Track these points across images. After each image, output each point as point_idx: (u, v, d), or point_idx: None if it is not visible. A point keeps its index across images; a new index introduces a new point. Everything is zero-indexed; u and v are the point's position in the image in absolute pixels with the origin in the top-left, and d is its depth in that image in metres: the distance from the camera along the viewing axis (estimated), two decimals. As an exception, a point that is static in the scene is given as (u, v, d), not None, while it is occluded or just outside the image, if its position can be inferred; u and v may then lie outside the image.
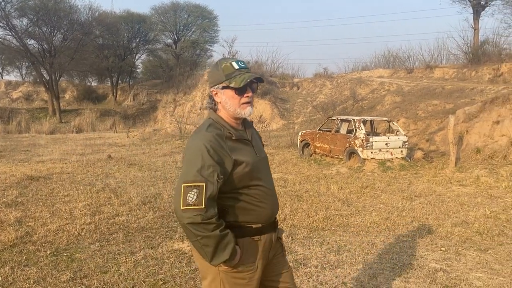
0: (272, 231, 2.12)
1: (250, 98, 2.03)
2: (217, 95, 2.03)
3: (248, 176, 1.97)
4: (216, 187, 1.84)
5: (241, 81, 1.94)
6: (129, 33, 38.89)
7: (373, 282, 3.94)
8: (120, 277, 3.95)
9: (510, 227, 5.81)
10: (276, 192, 2.18)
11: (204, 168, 1.83)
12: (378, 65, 34.75)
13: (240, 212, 1.99)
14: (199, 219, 1.78)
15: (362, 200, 7.50)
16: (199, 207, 1.78)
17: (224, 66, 1.99)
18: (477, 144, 11.32)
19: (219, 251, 1.84)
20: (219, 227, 1.84)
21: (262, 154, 2.14)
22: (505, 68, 20.86)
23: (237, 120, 2.07)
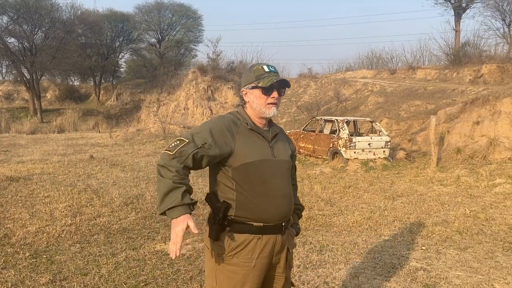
0: (277, 234, 2.11)
1: (275, 100, 2.12)
2: (246, 95, 2.16)
3: (251, 171, 2.03)
4: (194, 149, 1.96)
5: (268, 81, 2.08)
6: (112, 32, 38.47)
7: (355, 281, 3.97)
8: (101, 279, 3.90)
9: (489, 226, 5.91)
10: (289, 199, 2.17)
11: (199, 134, 2.01)
12: (361, 66, 35.11)
13: (242, 207, 2.04)
14: (163, 162, 1.94)
15: (345, 200, 7.55)
16: (169, 153, 1.96)
17: (256, 69, 2.15)
18: (458, 144, 11.51)
19: (166, 199, 1.90)
20: (177, 179, 1.91)
21: (280, 157, 2.17)
22: (485, 70, 21.26)
23: (262, 120, 2.16)
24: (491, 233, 5.59)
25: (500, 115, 11.08)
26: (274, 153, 2.13)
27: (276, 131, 2.23)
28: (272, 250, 2.10)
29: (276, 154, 2.14)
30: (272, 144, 2.16)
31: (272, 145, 2.15)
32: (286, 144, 2.29)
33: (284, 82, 2.14)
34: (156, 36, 39.84)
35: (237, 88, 28.05)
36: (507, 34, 26.51)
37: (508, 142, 10.61)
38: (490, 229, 5.78)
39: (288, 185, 2.19)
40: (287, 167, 2.22)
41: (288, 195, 2.17)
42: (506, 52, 24.45)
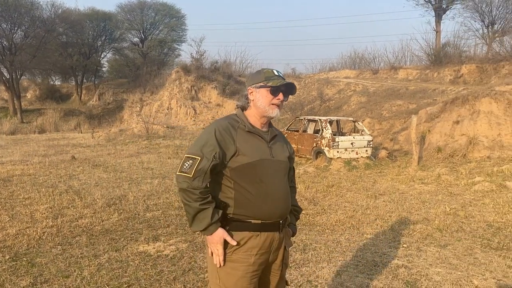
0: (274, 231, 2.18)
1: (280, 102, 2.19)
2: (252, 93, 2.21)
3: (251, 169, 2.09)
4: (209, 163, 2.03)
5: (278, 82, 2.16)
6: (94, 31, 38.04)
7: (338, 280, 4.01)
8: (82, 281, 3.86)
9: (468, 223, 6.04)
10: (286, 198, 2.24)
11: (206, 146, 2.06)
12: (344, 66, 35.42)
13: (240, 205, 2.10)
14: (185, 185, 2.02)
15: (328, 199, 7.61)
16: (188, 175, 2.02)
17: (266, 71, 2.22)
18: (438, 143, 11.70)
19: (196, 221, 2.06)
20: (201, 200, 2.03)
21: (279, 158, 2.23)
22: (465, 70, 21.65)
23: (263, 120, 2.22)
24: (470, 230, 5.70)
25: (479, 115, 11.31)
26: (272, 153, 2.20)
27: (275, 133, 2.29)
28: (270, 247, 2.17)
29: (275, 154, 2.21)
30: (271, 145, 2.22)
31: (271, 146, 2.22)
32: (284, 146, 2.35)
33: (291, 87, 2.23)
34: (139, 35, 39.55)
35: (221, 88, 28.01)
36: (486, 35, 27.02)
37: (487, 141, 10.83)
38: (469, 226, 5.90)
39: (285, 184, 2.26)
40: (285, 168, 2.28)
41: (285, 193, 2.24)
42: (485, 52, 24.92)
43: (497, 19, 26.50)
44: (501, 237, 5.40)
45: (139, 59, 38.63)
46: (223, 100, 27.34)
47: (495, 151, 10.57)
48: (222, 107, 26.89)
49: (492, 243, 5.18)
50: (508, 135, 10.72)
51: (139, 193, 7.72)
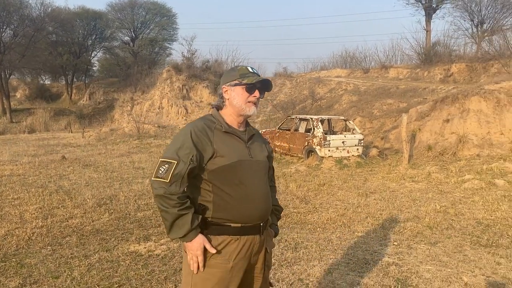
0: (255, 234, 2.11)
1: (256, 99, 2.13)
2: (227, 92, 2.15)
3: (229, 171, 2.02)
4: (186, 167, 1.95)
5: (253, 79, 2.10)
6: (84, 30, 37.77)
7: (329, 278, 4.02)
8: (73, 281, 3.83)
9: (458, 221, 6.08)
10: (267, 199, 2.17)
11: (182, 149, 1.98)
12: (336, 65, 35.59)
13: (219, 208, 2.03)
14: (161, 191, 1.93)
15: (319, 198, 7.63)
16: (164, 180, 1.94)
17: (240, 68, 2.16)
18: (428, 141, 11.79)
19: (175, 227, 1.97)
20: (180, 206, 1.94)
21: (258, 158, 2.16)
22: (455, 69, 21.86)
23: (240, 119, 2.16)
24: (460, 228, 5.75)
25: (469, 113, 11.41)
26: (251, 153, 2.13)
27: (252, 132, 2.22)
28: (250, 251, 2.10)
29: (253, 155, 2.14)
30: (249, 145, 2.16)
31: (249, 146, 2.15)
32: (262, 145, 2.28)
33: (267, 84, 2.16)
34: (130, 34, 39.36)
35: (213, 87, 27.95)
36: (476, 34, 27.29)
37: (476, 139, 10.93)
38: (459, 223, 5.94)
39: (265, 185, 2.20)
40: (265, 167, 2.22)
41: (265, 195, 2.17)
42: (475, 51, 25.17)
43: (486, 18, 26.79)
44: (490, 234, 5.45)
45: (130, 58, 38.44)
46: (214, 99, 27.24)
47: (484, 149, 10.68)
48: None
49: (482, 240, 5.23)
50: (497, 133, 10.83)
51: (130, 192, 7.68)
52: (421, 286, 3.85)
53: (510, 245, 5.03)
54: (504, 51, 18.36)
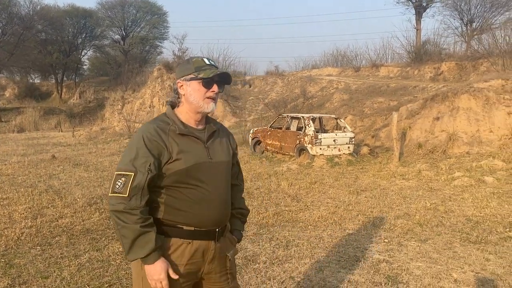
0: (210, 240, 1.97)
1: (215, 95, 1.97)
2: (182, 87, 1.97)
3: (185, 174, 1.87)
4: (145, 177, 1.79)
5: (210, 73, 1.92)
6: (74, 28, 37.46)
7: (320, 275, 4.04)
8: (62, 281, 3.80)
9: (448, 218, 6.13)
10: (225, 204, 2.03)
11: (137, 159, 1.81)
12: (327, 63, 35.66)
13: (172, 210, 1.89)
14: (121, 207, 1.76)
15: (311, 196, 7.65)
16: (123, 195, 1.77)
17: (195, 60, 1.98)
18: (419, 139, 11.87)
19: (136, 246, 1.78)
20: (143, 222, 1.78)
21: (218, 158, 2.00)
22: (444, 67, 22.01)
23: (198, 116, 1.99)
24: (450, 225, 5.80)
25: (459, 111, 11.50)
26: (210, 154, 1.97)
27: (213, 129, 2.05)
28: (203, 257, 1.96)
29: (213, 156, 1.98)
30: (209, 145, 1.99)
31: (208, 146, 1.98)
32: (225, 142, 2.12)
33: (226, 76, 1.99)
34: (120, 32, 39.10)
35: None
36: (465, 32, 27.51)
37: (466, 137, 11.03)
38: (449, 221, 5.99)
39: (225, 188, 2.04)
40: (226, 168, 2.06)
41: (224, 199, 2.02)
42: (464, 50, 25.38)
43: (475, 17, 27.02)
44: (480, 231, 5.50)
45: (120, 57, 38.21)
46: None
47: (474, 146, 10.77)
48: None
49: (471, 237, 5.28)
50: (486, 131, 10.93)
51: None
52: (411, 283, 3.88)
53: (499, 241, 5.08)
54: (493, 49, 18.54)
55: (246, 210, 2.29)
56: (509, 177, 8.43)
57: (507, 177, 8.44)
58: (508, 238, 5.18)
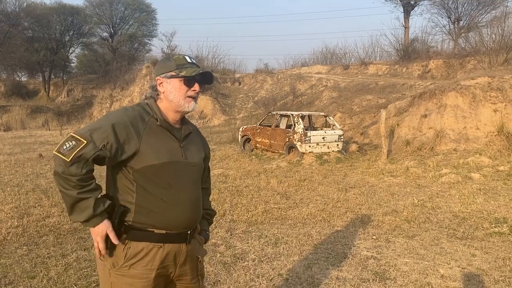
0: (181, 242, 1.92)
1: (196, 93, 1.93)
2: (162, 84, 1.91)
3: (158, 171, 1.82)
4: (95, 151, 1.70)
5: (192, 72, 1.87)
6: (61, 25, 36.97)
7: (308, 272, 4.05)
8: (49, 281, 3.77)
9: (435, 214, 6.20)
10: (198, 205, 2.00)
11: (99, 132, 1.73)
12: (316, 61, 35.71)
13: (142, 211, 1.82)
14: (60, 169, 1.69)
15: (300, 193, 7.68)
16: (65, 159, 1.68)
17: (176, 57, 1.93)
18: (407, 136, 11.96)
19: (76, 210, 1.74)
20: (80, 188, 1.71)
21: (191, 160, 1.95)
22: (432, 65, 22.21)
23: (177, 115, 1.94)
24: (437, 221, 5.86)
25: (446, 108, 11.61)
26: (184, 154, 1.92)
27: (189, 130, 2.00)
28: (174, 260, 1.91)
29: (187, 156, 1.93)
30: (184, 145, 1.94)
31: (184, 146, 1.94)
32: (199, 145, 2.09)
33: (208, 76, 1.96)
34: (108, 30, 38.70)
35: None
36: (453, 30, 27.75)
37: (453, 134, 11.14)
38: (436, 217, 6.06)
39: (197, 190, 2.01)
40: (199, 171, 2.02)
41: (196, 201, 1.98)
42: (452, 48, 25.61)
43: (462, 15, 27.25)
44: (466, 226, 5.57)
45: (108, 54, 37.85)
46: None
47: (461, 143, 10.89)
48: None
49: (458, 232, 5.34)
50: (473, 128, 11.05)
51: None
52: (398, 279, 3.91)
53: (485, 237, 5.15)
54: (480, 47, 18.73)
55: (213, 211, 2.28)
56: (495, 173, 8.55)
57: (493, 173, 8.55)
58: (493, 233, 5.26)
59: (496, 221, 5.71)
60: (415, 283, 3.81)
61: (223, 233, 5.26)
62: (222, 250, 4.64)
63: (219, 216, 6.02)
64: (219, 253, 4.54)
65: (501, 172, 8.55)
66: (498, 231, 5.33)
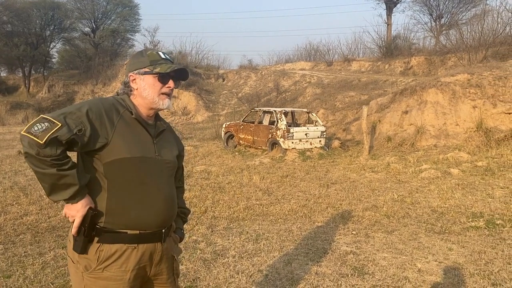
0: (155, 242, 1.88)
1: (170, 90, 1.89)
2: (135, 81, 1.87)
3: (128, 168, 1.76)
4: (69, 135, 1.61)
5: (167, 68, 1.83)
6: (42, 20, 36.26)
7: (288, 268, 4.08)
8: (25, 280, 3.71)
9: (414, 209, 6.29)
10: (172, 203, 1.96)
11: (73, 116, 1.65)
12: (300, 58, 35.83)
13: (114, 212, 1.77)
14: (33, 151, 1.58)
15: (282, 189, 7.70)
16: (38, 141, 1.57)
17: (150, 53, 1.89)
18: (388, 133, 12.10)
19: (57, 189, 1.66)
20: (58, 165, 1.62)
21: (165, 157, 1.91)
22: (414, 62, 22.48)
23: (150, 112, 1.90)
24: (416, 216, 5.94)
25: (426, 105, 11.77)
26: (157, 151, 1.88)
27: (163, 127, 1.97)
28: (150, 260, 1.87)
29: (160, 153, 1.89)
30: (157, 141, 1.90)
31: (157, 142, 1.90)
32: (173, 142, 2.05)
33: (183, 73, 1.92)
34: (90, 25, 38.12)
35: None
36: (434, 28, 28.10)
37: (433, 130, 11.31)
38: (415, 212, 6.15)
39: (171, 188, 1.97)
40: (172, 168, 1.98)
41: (170, 199, 1.94)
42: (433, 45, 25.95)
43: (444, 13, 27.64)
44: (444, 221, 5.67)
45: (90, 50, 37.30)
46: (178, 91, 26.95)
47: (441, 139, 11.06)
48: (177, 99, 26.50)
49: (435, 227, 5.43)
50: (452, 124, 11.23)
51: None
52: (377, 273, 3.96)
53: (462, 231, 5.24)
54: (460, 44, 19.01)
55: (187, 210, 2.26)
56: (474, 169, 8.70)
57: (472, 169, 8.71)
58: (470, 228, 5.36)
59: (473, 216, 5.82)
60: (393, 278, 3.86)
61: (204, 230, 5.26)
62: (202, 247, 4.63)
63: (200, 213, 6.00)
64: (200, 250, 4.53)
65: (479, 168, 8.71)
66: (474, 225, 5.43)
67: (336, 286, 3.70)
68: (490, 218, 5.68)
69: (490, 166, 8.71)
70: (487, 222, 5.52)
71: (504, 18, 18.59)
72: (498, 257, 4.33)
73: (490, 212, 5.97)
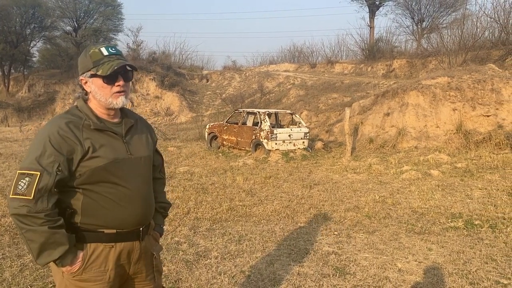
0: (133, 240, 1.88)
1: (122, 87, 1.81)
2: (86, 84, 1.83)
3: (104, 172, 1.75)
4: (53, 178, 1.64)
5: (108, 69, 1.75)
6: (22, 18, 35.60)
7: (270, 269, 4.09)
8: (3, 283, 3.64)
9: (395, 210, 6.37)
10: (148, 201, 1.96)
11: (44, 156, 1.65)
12: (284, 59, 36.02)
13: (90, 212, 1.76)
14: (24, 210, 1.60)
15: (265, 190, 7.72)
16: (27, 197, 1.60)
17: (92, 52, 1.80)
18: (370, 134, 12.23)
19: (47, 248, 1.65)
20: (50, 223, 1.63)
21: (138, 154, 1.89)
22: (396, 64, 22.79)
23: (110, 112, 1.85)
24: (396, 217, 6.02)
25: (408, 107, 11.94)
26: (130, 149, 1.86)
27: (131, 123, 1.92)
28: (128, 258, 1.87)
29: (133, 151, 1.87)
30: (127, 139, 1.87)
31: (127, 141, 1.87)
32: (145, 135, 2.00)
33: (130, 66, 1.85)
34: (72, 24, 37.60)
35: (160, 79, 27.40)
36: (416, 31, 28.55)
37: (414, 132, 11.48)
38: (396, 213, 6.23)
39: (147, 185, 1.96)
40: (147, 164, 1.96)
41: (146, 197, 1.93)
42: (415, 48, 26.35)
43: (425, 16, 28.10)
44: (424, 222, 5.75)
45: (72, 49, 36.78)
46: (162, 92, 26.79)
47: (421, 141, 11.23)
48: (161, 99, 26.34)
49: (416, 227, 5.51)
50: (433, 126, 11.42)
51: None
52: (358, 273, 4.00)
53: (441, 231, 5.33)
54: (440, 48, 19.36)
55: (168, 204, 2.23)
56: (453, 170, 8.86)
57: (451, 170, 8.86)
58: (449, 228, 5.45)
59: (452, 216, 5.93)
60: (374, 277, 3.91)
61: (186, 231, 5.23)
62: (185, 248, 4.61)
63: (183, 214, 5.98)
64: (182, 251, 4.51)
65: (458, 169, 8.87)
66: (453, 225, 5.53)
67: (318, 286, 3.73)
68: (469, 218, 5.79)
69: (469, 167, 8.88)
70: (466, 222, 5.62)
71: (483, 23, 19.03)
72: (476, 257, 4.42)
73: (468, 212, 6.08)
